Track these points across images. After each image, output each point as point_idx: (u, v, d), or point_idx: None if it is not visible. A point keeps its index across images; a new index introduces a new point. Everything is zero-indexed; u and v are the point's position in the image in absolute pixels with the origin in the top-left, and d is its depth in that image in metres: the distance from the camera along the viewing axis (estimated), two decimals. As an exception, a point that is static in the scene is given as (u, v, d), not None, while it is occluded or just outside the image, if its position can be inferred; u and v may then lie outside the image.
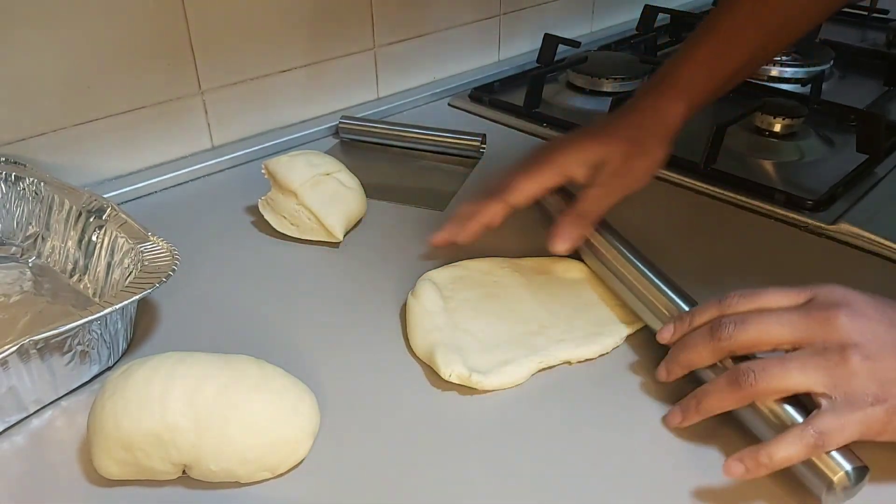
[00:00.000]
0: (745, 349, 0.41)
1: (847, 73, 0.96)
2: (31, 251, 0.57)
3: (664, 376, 0.45)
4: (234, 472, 0.39)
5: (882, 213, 0.63)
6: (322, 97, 0.82)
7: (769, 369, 0.39)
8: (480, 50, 0.97)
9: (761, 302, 0.42)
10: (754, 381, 0.39)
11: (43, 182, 0.57)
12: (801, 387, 0.38)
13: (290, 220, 0.60)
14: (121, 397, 0.39)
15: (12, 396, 0.42)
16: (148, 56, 0.67)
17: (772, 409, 0.39)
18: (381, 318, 0.52)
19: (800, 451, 0.37)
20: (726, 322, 0.41)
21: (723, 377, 0.41)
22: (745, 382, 0.39)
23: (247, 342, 0.49)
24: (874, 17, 1.16)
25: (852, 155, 0.70)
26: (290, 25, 0.76)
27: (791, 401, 0.39)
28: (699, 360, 0.43)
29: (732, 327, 0.41)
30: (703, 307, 0.44)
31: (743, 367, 0.40)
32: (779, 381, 0.39)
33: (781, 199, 0.64)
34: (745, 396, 0.40)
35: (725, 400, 0.40)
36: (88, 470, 0.40)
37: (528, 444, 0.42)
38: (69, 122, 0.65)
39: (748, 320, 0.41)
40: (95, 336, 0.45)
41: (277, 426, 0.39)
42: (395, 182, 0.71)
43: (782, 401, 0.39)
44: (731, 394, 0.40)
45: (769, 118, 0.76)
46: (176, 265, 0.47)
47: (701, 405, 0.41)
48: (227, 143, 0.76)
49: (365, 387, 0.46)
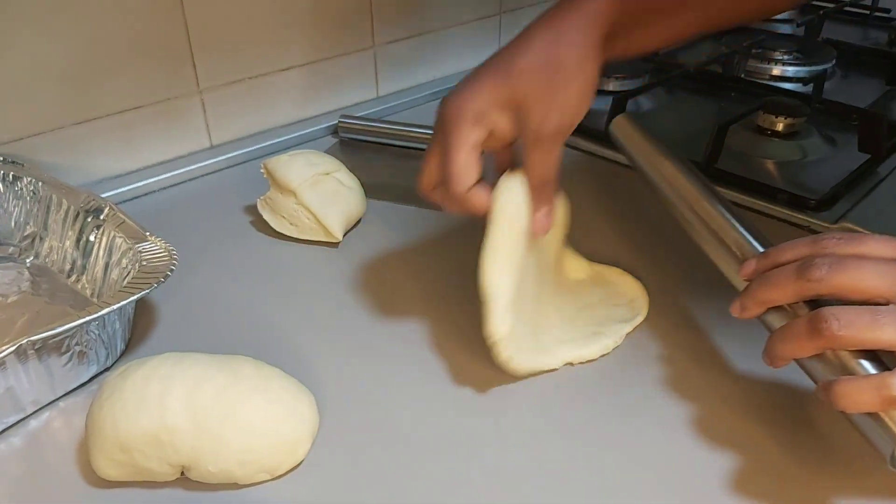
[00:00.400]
0: (835, 295, 0.37)
1: (849, 72, 0.96)
2: (29, 251, 0.57)
3: (738, 311, 0.41)
4: (233, 474, 0.39)
5: (884, 213, 0.63)
6: (321, 96, 0.82)
7: (857, 318, 0.35)
8: (480, 49, 0.97)
9: (862, 248, 0.38)
10: (838, 328, 0.35)
11: (41, 181, 0.57)
12: (891, 342, 0.35)
13: (289, 220, 0.60)
14: (119, 398, 0.38)
15: (10, 397, 0.42)
16: (146, 55, 0.67)
17: (845, 362, 0.36)
18: (380, 319, 0.52)
19: (875, 401, 0.34)
20: (820, 262, 0.37)
21: (801, 320, 0.37)
22: (825, 328, 0.35)
23: (245, 343, 0.49)
24: (876, 16, 1.15)
25: (854, 154, 0.70)
26: (288, 24, 0.75)
27: (870, 357, 0.36)
28: (780, 298, 0.39)
29: (826, 269, 0.37)
30: (793, 244, 0.40)
31: (825, 312, 0.36)
32: (866, 332, 0.35)
33: (783, 198, 0.64)
34: (823, 345, 0.36)
35: (801, 346, 0.37)
36: (86, 471, 0.40)
37: (528, 444, 0.42)
38: (67, 121, 0.65)
39: (845, 264, 0.37)
40: (93, 336, 0.45)
41: (276, 427, 0.39)
42: (395, 181, 0.71)
43: (859, 355, 0.36)
44: (809, 340, 0.36)
45: (771, 117, 0.76)
46: (174, 265, 0.47)
47: (775, 350, 0.38)
48: (225, 143, 0.75)
49: (364, 388, 0.46)
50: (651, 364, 0.47)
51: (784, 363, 0.39)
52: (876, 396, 0.34)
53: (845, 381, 0.35)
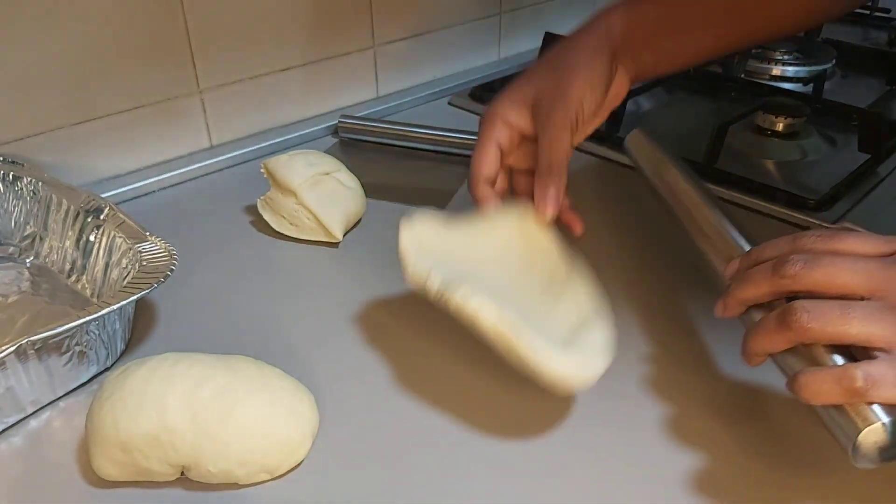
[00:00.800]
0: (810, 291, 0.36)
1: (849, 72, 0.96)
2: (29, 251, 0.57)
3: (720, 312, 0.41)
4: (233, 474, 0.39)
5: (884, 213, 0.63)
6: (321, 96, 0.82)
7: (827, 311, 0.35)
8: (481, 48, 0.97)
9: (840, 245, 0.37)
10: (807, 320, 0.35)
11: (41, 181, 0.57)
12: (859, 337, 0.34)
13: (290, 220, 0.60)
14: (119, 398, 0.38)
15: (10, 397, 0.42)
16: (146, 55, 0.67)
17: (816, 356, 0.35)
18: (380, 319, 0.52)
19: (836, 392, 0.33)
20: (795, 258, 0.37)
21: (773, 314, 0.36)
22: (794, 321, 0.35)
23: (245, 343, 0.49)
24: (876, 16, 1.15)
25: (854, 154, 0.70)
26: (288, 24, 0.75)
27: (843, 352, 0.35)
28: (758, 296, 0.38)
29: (801, 265, 0.36)
30: (775, 242, 0.40)
31: (795, 305, 0.35)
32: (835, 325, 0.34)
33: (783, 198, 0.64)
34: (793, 337, 0.35)
35: (771, 340, 0.36)
36: (86, 471, 0.40)
37: (528, 444, 0.42)
38: (67, 121, 0.65)
39: (819, 260, 0.36)
40: (93, 336, 0.45)
41: (276, 427, 0.39)
42: (395, 181, 0.71)
43: (832, 350, 0.35)
44: (779, 333, 0.36)
45: (771, 117, 0.76)
46: (174, 265, 0.47)
47: (748, 346, 0.38)
48: (225, 143, 0.75)
49: (365, 388, 0.46)
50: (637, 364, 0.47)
51: (760, 359, 0.39)
52: (837, 387, 0.33)
53: (809, 371, 0.35)
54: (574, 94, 0.48)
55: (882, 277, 0.35)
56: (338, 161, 0.63)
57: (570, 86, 0.48)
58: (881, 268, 0.35)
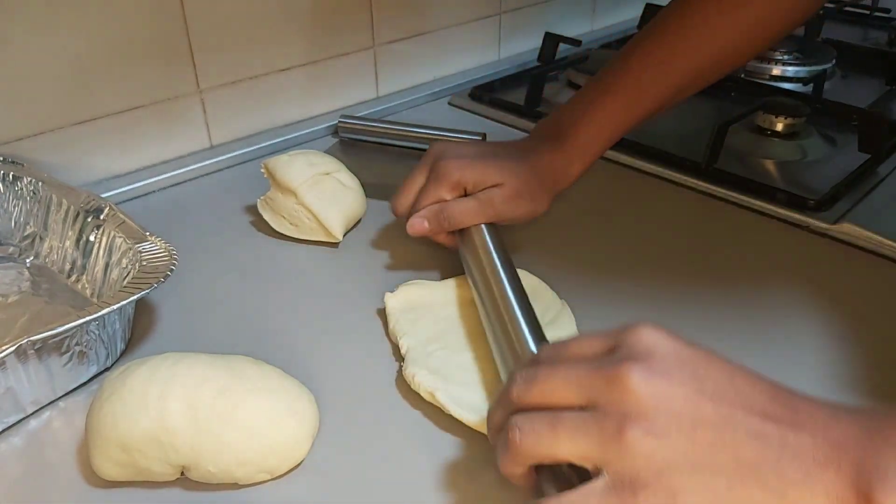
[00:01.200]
0: (537, 407, 0.34)
1: (849, 72, 0.96)
2: (29, 251, 0.57)
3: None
4: (233, 474, 0.39)
5: (884, 213, 0.63)
6: (321, 96, 0.82)
7: (538, 427, 0.33)
8: (481, 48, 0.97)
9: (566, 351, 0.35)
10: (519, 438, 0.33)
11: (41, 182, 0.57)
12: (570, 456, 0.32)
13: (290, 220, 0.60)
14: (119, 398, 0.38)
15: (10, 397, 0.42)
16: (146, 55, 0.67)
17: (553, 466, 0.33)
18: (381, 319, 0.52)
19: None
20: (519, 378, 0.35)
21: (502, 433, 0.34)
22: (510, 441, 0.33)
23: (245, 343, 0.49)
24: (876, 16, 1.15)
25: (854, 154, 0.70)
26: (288, 24, 0.75)
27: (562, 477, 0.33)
28: (500, 421, 0.35)
29: (521, 384, 0.34)
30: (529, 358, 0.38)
31: (511, 420, 0.33)
32: (546, 446, 0.32)
33: (783, 198, 0.64)
34: (517, 458, 0.33)
35: (505, 463, 0.34)
36: (86, 471, 0.40)
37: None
38: (67, 121, 0.65)
39: (536, 377, 0.34)
40: (93, 336, 0.45)
41: (276, 427, 0.39)
42: (395, 181, 0.70)
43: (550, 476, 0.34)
44: (504, 455, 0.34)
45: (771, 117, 0.76)
46: (174, 265, 0.47)
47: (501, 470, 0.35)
48: (225, 143, 0.75)
49: (365, 388, 0.46)
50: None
51: (519, 480, 0.35)
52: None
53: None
54: (517, 215, 0.55)
55: (589, 384, 0.32)
56: (338, 161, 0.63)
57: (520, 208, 0.55)
58: (589, 373, 0.33)
